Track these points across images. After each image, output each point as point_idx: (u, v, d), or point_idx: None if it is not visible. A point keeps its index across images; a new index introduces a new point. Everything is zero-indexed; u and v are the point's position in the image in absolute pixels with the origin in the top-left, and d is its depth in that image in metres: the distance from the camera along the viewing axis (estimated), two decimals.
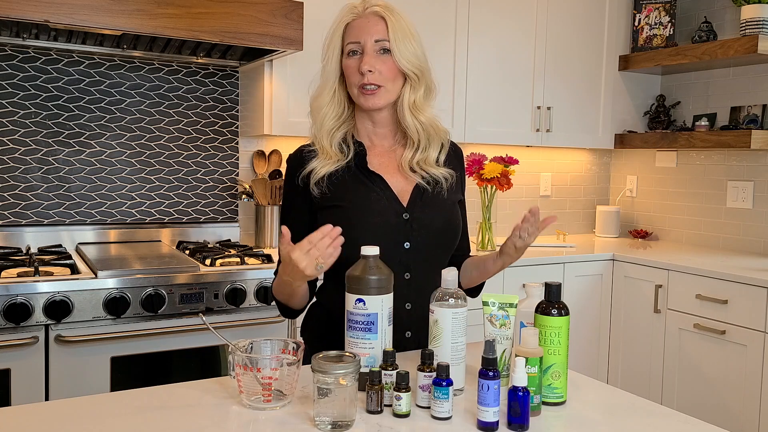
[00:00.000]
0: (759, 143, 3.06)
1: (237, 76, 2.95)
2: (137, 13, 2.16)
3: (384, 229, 1.41)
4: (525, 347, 1.14)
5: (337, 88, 1.48)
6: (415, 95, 1.47)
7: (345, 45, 1.45)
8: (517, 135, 3.32)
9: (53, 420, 1.07)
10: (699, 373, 2.84)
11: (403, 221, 1.44)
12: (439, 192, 1.49)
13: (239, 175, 2.99)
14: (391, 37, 1.43)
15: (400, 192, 1.47)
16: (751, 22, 3.04)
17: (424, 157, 1.49)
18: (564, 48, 3.42)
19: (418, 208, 1.46)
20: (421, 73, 1.47)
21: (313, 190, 1.45)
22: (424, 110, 1.48)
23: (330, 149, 1.46)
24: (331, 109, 1.48)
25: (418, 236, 1.44)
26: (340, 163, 1.46)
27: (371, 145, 1.52)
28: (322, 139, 1.48)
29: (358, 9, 1.46)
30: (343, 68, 1.46)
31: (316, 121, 1.50)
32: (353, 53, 1.44)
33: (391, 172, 1.49)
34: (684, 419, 1.16)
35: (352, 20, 1.45)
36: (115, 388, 2.13)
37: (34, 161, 2.61)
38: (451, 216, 1.51)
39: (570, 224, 3.92)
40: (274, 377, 1.13)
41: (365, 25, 1.43)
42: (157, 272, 2.20)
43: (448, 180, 1.50)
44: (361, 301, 1.19)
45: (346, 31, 1.45)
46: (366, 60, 1.41)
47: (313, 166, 1.46)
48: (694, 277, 2.85)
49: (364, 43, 1.42)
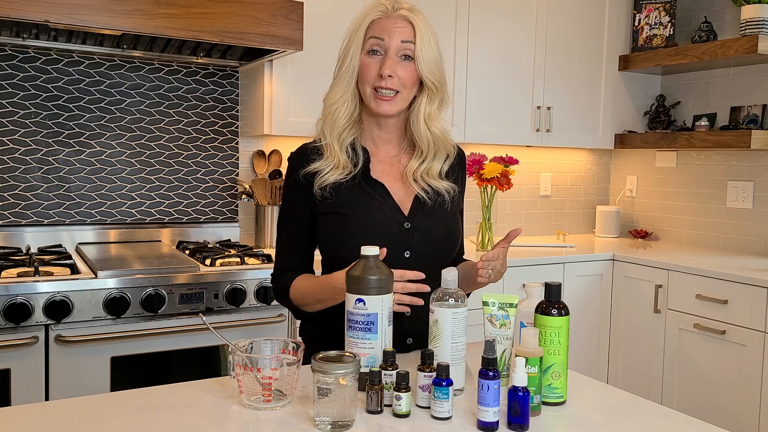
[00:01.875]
0: (759, 143, 3.06)
1: (237, 76, 2.95)
2: (137, 13, 2.16)
3: (385, 237, 1.39)
4: (525, 347, 1.14)
5: (353, 86, 1.44)
6: (432, 106, 1.45)
7: (366, 41, 1.41)
8: (517, 135, 3.32)
9: (53, 420, 1.07)
10: (699, 373, 2.84)
11: (405, 230, 1.43)
12: (441, 204, 1.47)
13: (239, 175, 2.99)
14: (418, 44, 1.40)
15: (401, 201, 1.46)
16: (751, 22, 3.04)
17: (428, 167, 1.47)
18: (564, 48, 3.42)
19: (419, 218, 1.45)
20: (440, 84, 1.44)
21: (316, 192, 1.44)
22: (438, 121, 1.46)
23: (339, 153, 1.43)
24: (344, 107, 1.44)
25: (419, 245, 1.43)
26: (348, 173, 1.43)
27: (375, 150, 1.50)
28: (332, 140, 1.44)
29: (387, 8, 1.41)
30: (360, 65, 1.41)
31: (328, 119, 1.45)
32: (374, 52, 1.40)
33: (392, 181, 1.48)
34: (684, 419, 1.16)
35: (378, 18, 1.41)
36: (115, 388, 2.13)
37: (34, 161, 2.61)
38: (452, 226, 1.50)
39: (570, 224, 3.93)
40: (274, 377, 1.13)
41: (392, 26, 1.40)
42: (157, 272, 2.20)
43: (450, 193, 1.49)
44: (361, 301, 1.19)
45: (371, 28, 1.41)
46: (388, 64, 1.38)
47: (320, 168, 1.44)
48: (694, 277, 2.85)
49: (388, 44, 1.39)
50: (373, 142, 1.50)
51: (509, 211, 3.69)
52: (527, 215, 3.78)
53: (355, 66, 1.42)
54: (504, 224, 3.61)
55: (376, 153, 1.50)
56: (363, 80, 1.42)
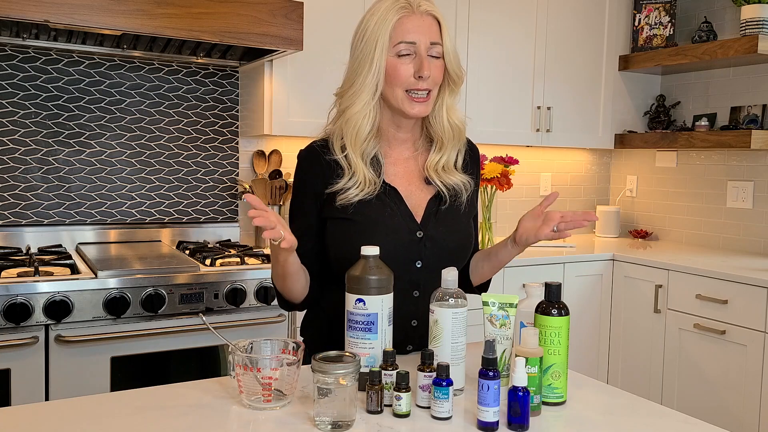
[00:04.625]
0: (759, 143, 3.06)
1: (237, 76, 2.95)
2: (137, 13, 2.16)
3: (396, 247, 1.36)
4: (525, 347, 1.14)
5: (380, 92, 1.37)
6: (453, 98, 1.43)
7: (394, 44, 1.34)
8: (517, 135, 3.32)
9: (53, 420, 1.07)
10: (699, 373, 2.84)
11: (417, 239, 1.40)
12: (457, 205, 1.45)
13: (239, 175, 2.99)
14: (444, 39, 1.37)
15: (414, 206, 1.42)
16: (751, 22, 3.04)
17: (448, 160, 1.45)
18: (564, 48, 3.42)
19: (432, 226, 1.41)
20: (462, 75, 1.42)
21: (337, 205, 1.38)
22: (458, 111, 1.45)
23: (366, 170, 1.37)
24: (368, 117, 1.37)
25: (431, 255, 1.40)
26: (374, 189, 1.38)
27: (389, 151, 1.46)
28: (354, 153, 1.37)
29: (409, 5, 1.35)
30: (389, 68, 1.35)
31: (350, 130, 1.37)
32: (405, 54, 1.34)
33: (407, 183, 1.44)
34: (684, 419, 1.16)
35: (402, 16, 1.34)
36: (115, 388, 2.13)
37: (34, 161, 2.61)
38: (465, 234, 1.47)
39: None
40: (274, 377, 1.13)
41: (420, 24, 1.34)
42: (157, 272, 2.20)
43: (467, 189, 1.46)
44: (361, 301, 1.19)
45: (396, 28, 1.34)
46: (426, 65, 1.33)
47: (344, 186, 1.37)
48: (694, 277, 2.85)
49: (419, 44, 1.34)
50: (388, 143, 1.46)
51: (509, 211, 3.69)
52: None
53: (382, 70, 1.35)
54: (504, 224, 3.61)
55: (391, 154, 1.46)
56: (394, 83, 1.36)
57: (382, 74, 1.35)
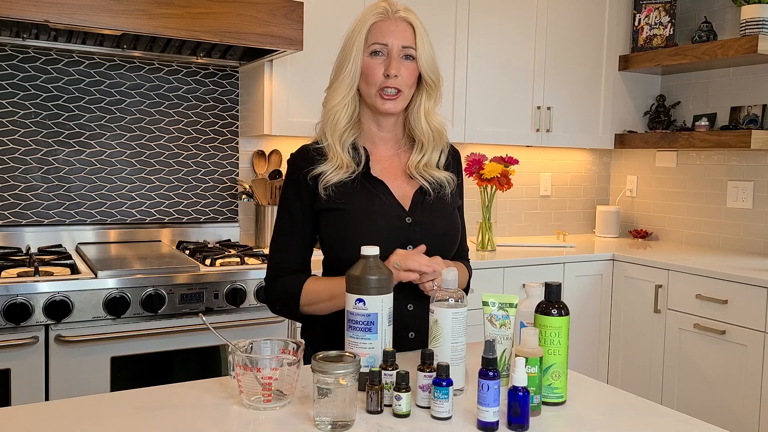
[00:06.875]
0: (759, 143, 3.06)
1: (237, 76, 2.95)
2: (137, 13, 2.16)
3: (387, 232, 1.43)
4: (525, 347, 1.14)
5: (355, 88, 1.48)
6: (430, 102, 1.51)
7: (368, 45, 1.45)
8: (517, 135, 3.32)
9: (53, 420, 1.07)
10: (699, 373, 2.84)
11: (406, 225, 1.46)
12: (442, 196, 1.52)
13: (239, 175, 2.99)
14: (418, 44, 1.46)
15: (401, 197, 1.50)
16: (751, 22, 3.04)
17: (429, 160, 1.52)
18: (564, 48, 3.42)
19: (420, 213, 1.48)
20: (438, 80, 1.51)
21: (320, 192, 1.46)
22: (436, 116, 1.53)
23: (342, 154, 1.47)
24: (345, 110, 1.48)
25: (421, 240, 1.45)
26: (351, 172, 1.47)
27: (374, 149, 1.54)
28: (334, 141, 1.47)
29: (386, 11, 1.47)
30: (363, 67, 1.46)
31: (329, 122, 1.49)
32: (376, 53, 1.45)
33: (392, 178, 1.51)
34: (684, 419, 1.16)
35: (378, 21, 1.46)
36: (115, 388, 2.13)
37: (34, 161, 2.61)
38: (452, 220, 1.54)
39: (570, 224, 3.92)
40: (274, 377, 1.13)
41: (394, 28, 1.45)
42: (157, 272, 2.20)
43: (450, 184, 1.54)
44: (361, 301, 1.19)
45: (372, 31, 1.46)
46: (394, 64, 1.43)
47: (323, 170, 1.46)
48: (694, 277, 2.85)
49: (391, 46, 1.45)
50: (372, 141, 1.54)
51: (509, 211, 3.69)
52: (527, 215, 3.78)
53: (357, 68, 1.46)
54: (504, 224, 3.61)
55: (376, 152, 1.54)
56: (367, 81, 1.46)
57: (357, 71, 1.46)
